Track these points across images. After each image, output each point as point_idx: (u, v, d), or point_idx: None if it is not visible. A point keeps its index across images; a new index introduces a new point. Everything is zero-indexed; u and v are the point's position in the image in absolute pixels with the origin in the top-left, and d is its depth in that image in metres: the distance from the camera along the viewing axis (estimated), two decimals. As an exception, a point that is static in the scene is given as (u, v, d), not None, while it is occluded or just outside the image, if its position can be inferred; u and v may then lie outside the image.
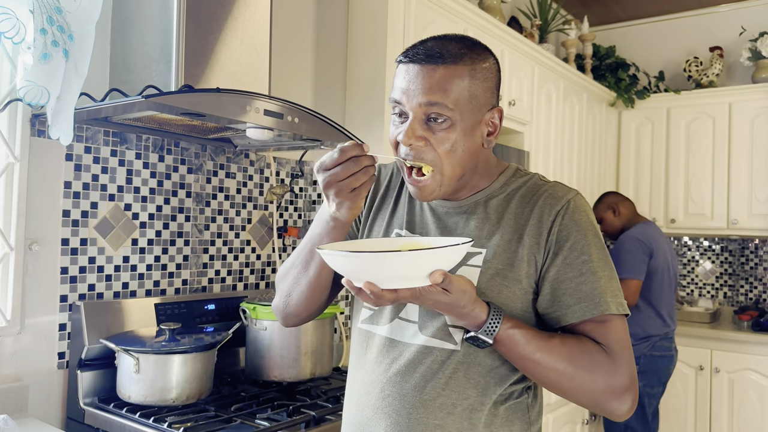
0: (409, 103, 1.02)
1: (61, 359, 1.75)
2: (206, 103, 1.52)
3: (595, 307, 1.02)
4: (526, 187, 1.12)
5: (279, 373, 1.90)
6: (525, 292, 1.06)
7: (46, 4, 1.45)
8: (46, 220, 1.72)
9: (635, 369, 1.05)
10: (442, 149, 1.03)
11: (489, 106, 1.07)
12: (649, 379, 3.12)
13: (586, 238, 1.05)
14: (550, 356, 1.00)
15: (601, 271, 1.04)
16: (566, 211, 1.06)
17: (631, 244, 3.12)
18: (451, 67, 1.01)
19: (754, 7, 4.16)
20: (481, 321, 0.98)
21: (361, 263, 0.91)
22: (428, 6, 2.46)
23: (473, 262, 1.07)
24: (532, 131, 3.26)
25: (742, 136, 3.91)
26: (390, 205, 1.22)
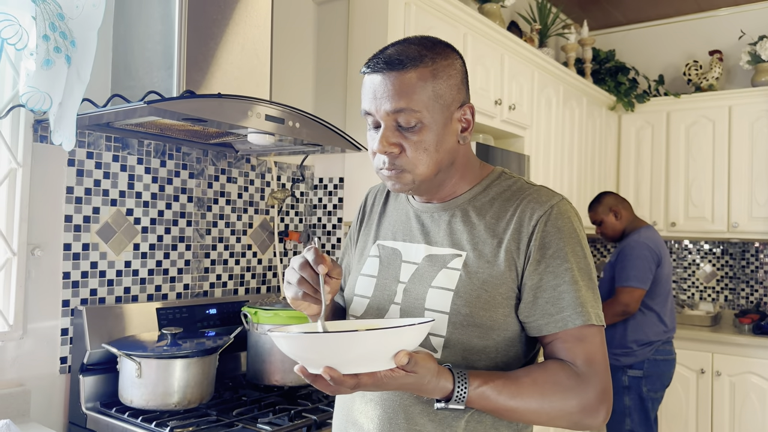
0: (378, 112, 1.04)
1: (63, 364, 1.76)
2: (208, 109, 1.52)
3: (577, 317, 1.02)
4: (510, 191, 1.11)
5: (280, 377, 1.90)
6: (506, 297, 1.05)
7: (49, 11, 1.46)
8: (48, 225, 1.73)
9: (608, 377, 1.04)
10: (415, 153, 1.04)
11: (458, 103, 1.08)
12: (653, 383, 3.11)
13: (569, 245, 1.04)
14: (524, 400, 0.99)
15: (582, 280, 1.04)
16: (549, 217, 1.05)
17: (641, 251, 3.08)
18: (412, 70, 1.02)
19: (753, 11, 4.18)
20: (449, 391, 0.95)
21: (319, 345, 0.85)
22: (428, 11, 2.47)
23: (453, 265, 1.07)
24: (532, 135, 3.27)
25: (742, 140, 3.91)
26: (375, 220, 1.25)
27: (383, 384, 0.89)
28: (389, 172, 1.06)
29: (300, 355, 0.89)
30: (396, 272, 1.14)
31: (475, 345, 1.04)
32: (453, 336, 1.04)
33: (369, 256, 1.20)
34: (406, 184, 1.07)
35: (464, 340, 1.04)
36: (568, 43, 3.92)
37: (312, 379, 0.90)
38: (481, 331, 1.04)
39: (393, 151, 1.04)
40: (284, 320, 1.88)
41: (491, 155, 2.82)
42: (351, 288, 1.21)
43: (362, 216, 1.31)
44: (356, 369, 0.87)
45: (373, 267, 1.18)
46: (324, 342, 0.85)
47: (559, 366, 1.02)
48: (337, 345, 0.85)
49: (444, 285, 1.07)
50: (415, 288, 1.10)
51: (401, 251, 1.16)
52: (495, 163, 2.84)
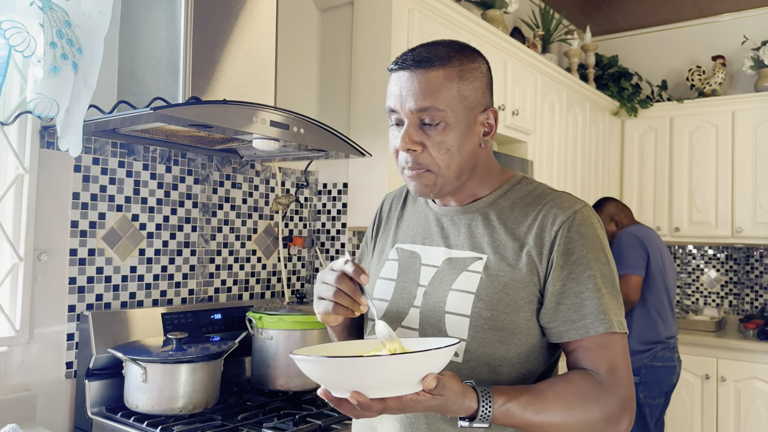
0: (402, 109, 1.04)
1: (69, 369, 1.77)
2: (213, 115, 1.53)
3: (599, 324, 1.01)
4: (531, 196, 1.11)
5: (285, 382, 1.90)
6: (528, 301, 1.04)
7: (56, 18, 1.48)
8: (54, 230, 1.74)
9: (631, 385, 1.03)
10: (439, 151, 1.04)
11: (482, 106, 1.08)
12: (650, 390, 3.07)
13: (592, 252, 1.04)
14: (548, 414, 0.98)
15: (604, 287, 1.03)
16: (572, 223, 1.04)
17: (627, 241, 3.09)
18: (440, 69, 1.03)
19: (756, 16, 4.18)
20: (473, 410, 0.94)
21: (346, 369, 0.84)
22: (431, 17, 2.48)
23: (473, 268, 1.07)
24: (535, 141, 3.27)
25: (746, 145, 3.91)
26: (393, 224, 1.25)
27: (409, 407, 0.89)
28: (412, 171, 1.06)
29: (325, 379, 0.88)
30: (416, 275, 1.13)
31: (497, 350, 1.04)
32: (474, 340, 1.04)
33: (388, 259, 1.20)
34: (428, 186, 1.07)
35: (486, 344, 1.04)
36: (571, 48, 3.93)
37: (336, 402, 0.89)
38: (503, 335, 1.03)
39: (415, 149, 1.04)
40: (289, 325, 1.89)
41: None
42: (369, 292, 1.19)
43: (378, 221, 1.30)
44: (383, 393, 0.86)
45: (392, 270, 1.17)
46: (351, 366, 0.84)
47: (581, 377, 1.01)
48: (364, 369, 0.83)
49: (465, 288, 1.06)
50: (435, 291, 1.09)
51: (420, 254, 1.15)
52: (498, 168, 2.84)
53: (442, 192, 1.09)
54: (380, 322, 0.99)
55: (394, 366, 0.84)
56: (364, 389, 0.85)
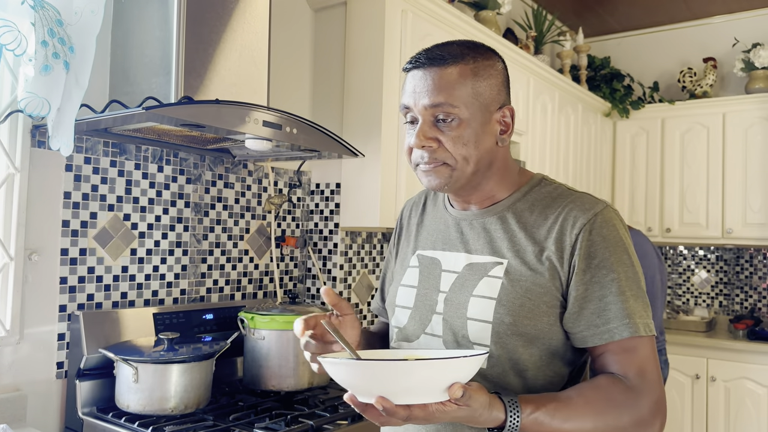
0: (416, 106, 1.05)
1: (60, 369, 1.76)
2: (205, 115, 1.53)
3: (624, 329, 0.99)
4: (551, 197, 1.09)
5: (277, 382, 1.90)
6: (550, 306, 1.03)
7: (48, 17, 1.47)
8: (45, 230, 1.73)
9: (661, 388, 1.02)
10: (454, 147, 1.03)
11: (498, 104, 1.07)
12: None
13: (615, 254, 1.02)
14: (578, 421, 0.96)
15: (629, 290, 1.01)
16: (593, 225, 1.02)
17: None
18: (453, 66, 1.03)
19: (746, 18, 4.21)
20: (501, 421, 0.91)
21: (373, 373, 0.84)
22: (425, 18, 2.49)
23: (494, 273, 1.06)
24: (528, 141, 3.28)
25: (736, 146, 3.94)
26: (414, 231, 1.24)
27: (434, 417, 0.87)
28: (427, 166, 1.05)
29: (351, 382, 0.87)
30: (436, 282, 1.12)
31: (521, 355, 1.03)
32: (497, 346, 1.03)
33: (409, 266, 1.19)
34: (444, 179, 1.05)
35: (509, 350, 1.03)
36: (564, 50, 3.94)
37: (362, 408, 0.88)
38: (526, 340, 1.02)
39: (431, 145, 1.04)
40: (281, 325, 1.89)
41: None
42: (392, 299, 1.20)
43: (400, 229, 1.30)
44: (408, 400, 0.85)
45: (413, 277, 1.16)
46: (378, 370, 0.84)
47: (610, 381, 1.00)
48: (390, 373, 0.83)
49: (486, 294, 1.05)
50: (456, 297, 1.08)
51: (441, 260, 1.14)
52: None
53: (455, 186, 1.07)
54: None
55: (419, 371, 0.84)
56: (390, 394, 0.84)
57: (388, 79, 2.33)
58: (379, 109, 2.31)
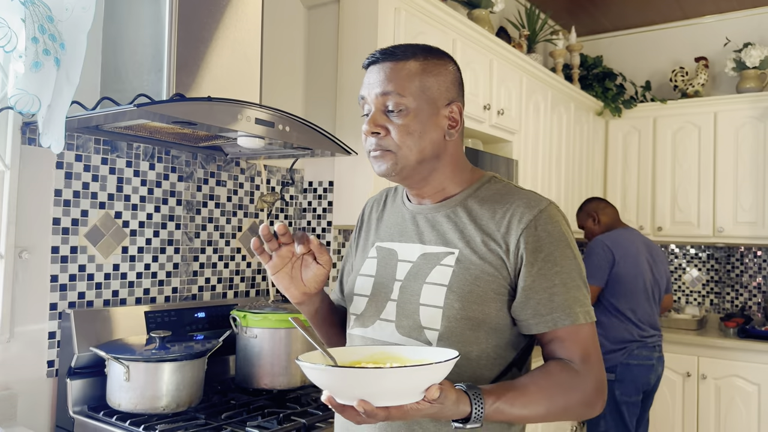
0: (369, 95, 1.14)
1: (51, 367, 1.75)
2: (197, 112, 1.53)
3: (566, 317, 1.08)
4: (500, 194, 1.17)
5: (269, 380, 1.90)
6: (498, 293, 1.10)
7: (38, 13, 1.46)
8: (36, 227, 1.72)
9: (602, 370, 1.11)
10: (399, 135, 1.11)
11: (446, 100, 1.15)
12: (626, 387, 3.06)
13: (559, 249, 1.10)
14: (534, 407, 1.05)
15: (571, 281, 1.10)
16: (538, 221, 1.10)
17: (594, 248, 3.15)
18: (403, 62, 1.12)
19: (738, 18, 4.23)
20: (467, 413, 0.99)
21: (355, 379, 0.89)
22: (418, 17, 2.48)
23: (446, 261, 1.13)
24: (520, 140, 3.29)
25: (728, 145, 3.96)
26: (373, 225, 1.31)
27: (409, 415, 0.93)
28: (375, 152, 1.13)
29: (333, 387, 0.92)
30: (392, 271, 1.19)
31: (468, 337, 1.10)
32: (447, 329, 1.09)
33: (368, 257, 1.26)
34: (389, 165, 1.12)
35: (458, 333, 1.09)
36: (556, 49, 3.95)
37: (340, 409, 0.93)
38: (474, 324, 1.09)
39: (378, 131, 1.11)
40: (273, 324, 1.88)
41: (480, 160, 2.84)
42: (351, 288, 1.26)
43: (360, 224, 1.37)
44: (387, 402, 0.90)
45: (371, 267, 1.23)
46: (362, 377, 0.89)
47: (559, 367, 1.09)
48: (373, 380, 0.88)
49: (438, 281, 1.12)
50: (410, 285, 1.15)
51: (397, 251, 1.21)
52: (484, 167, 2.85)
53: (403, 174, 1.14)
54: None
55: (401, 377, 0.89)
56: (370, 398, 0.89)
57: (381, 77, 2.32)
58: (372, 107, 2.30)
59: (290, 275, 1.17)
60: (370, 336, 1.17)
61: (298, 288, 1.18)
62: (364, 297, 1.21)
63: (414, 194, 1.22)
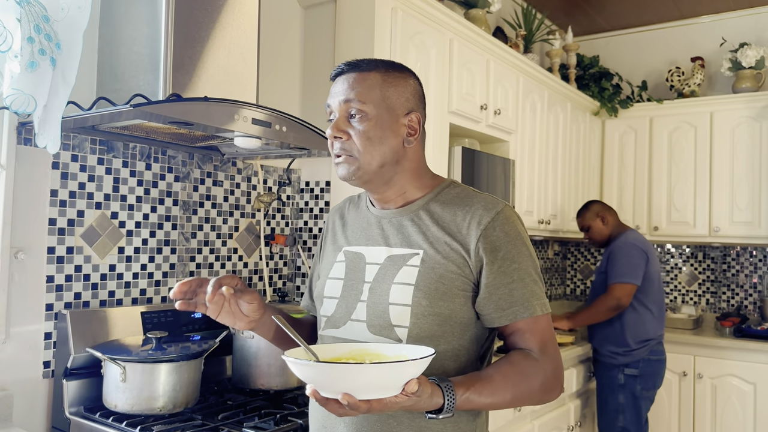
0: (333, 104, 1.21)
1: (47, 368, 1.74)
2: (194, 112, 1.52)
3: (524, 310, 1.17)
4: (459, 197, 1.24)
5: (266, 381, 1.90)
6: (462, 289, 1.17)
7: (34, 13, 1.45)
8: (31, 228, 1.72)
9: (559, 357, 1.20)
10: (359, 140, 1.18)
11: (406, 110, 1.22)
12: (647, 382, 3.23)
13: (516, 247, 1.18)
14: (500, 395, 1.13)
15: (528, 277, 1.18)
16: (496, 222, 1.18)
17: (629, 249, 3.25)
18: (365, 72, 1.20)
19: (734, 18, 4.24)
20: (440, 404, 1.05)
21: (341, 374, 0.94)
22: (414, 17, 2.48)
23: (412, 262, 1.19)
24: (517, 140, 3.29)
25: (724, 145, 3.97)
26: (339, 232, 1.36)
27: (388, 407, 1.00)
28: (338, 158, 1.20)
29: (318, 381, 0.98)
30: (361, 274, 1.25)
31: (435, 332, 1.16)
32: (416, 326, 1.16)
33: (336, 261, 1.31)
34: (351, 170, 1.19)
35: (426, 329, 1.16)
36: (553, 49, 3.95)
37: (324, 402, 0.99)
38: (441, 319, 1.16)
39: (341, 136, 1.19)
40: (270, 324, 1.88)
41: (477, 160, 2.84)
42: (321, 291, 1.31)
43: (325, 232, 1.42)
44: (368, 395, 0.97)
45: (340, 271, 1.29)
46: (348, 372, 0.94)
47: (521, 356, 1.17)
48: (357, 375, 0.94)
49: (405, 281, 1.18)
50: (379, 286, 1.21)
51: (365, 254, 1.27)
52: (481, 167, 2.86)
53: (363, 178, 1.20)
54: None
55: (384, 372, 0.95)
56: (354, 391, 0.95)
57: (377, 77, 2.32)
58: (368, 107, 2.30)
59: (231, 312, 1.19)
60: (341, 336, 1.22)
61: (243, 320, 1.21)
62: (334, 299, 1.26)
63: (377, 199, 1.28)
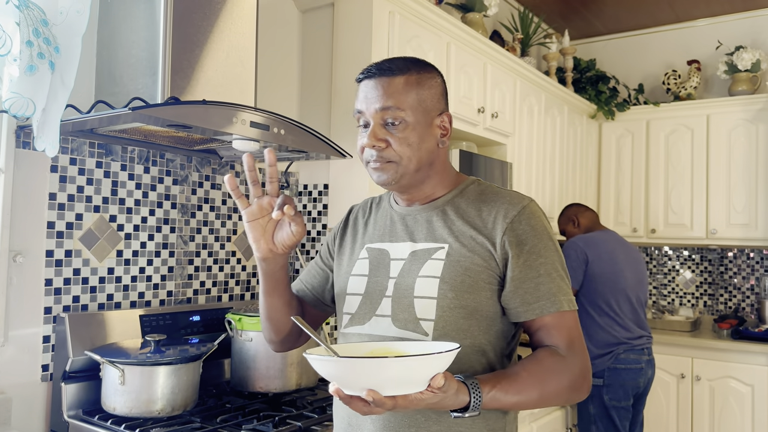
0: (368, 110, 1.18)
1: (45, 371, 1.74)
2: (192, 115, 1.53)
3: (551, 305, 1.15)
4: (484, 194, 1.24)
5: (264, 384, 1.90)
6: (488, 282, 1.16)
7: (33, 17, 1.46)
8: (30, 231, 1.72)
9: (586, 355, 1.18)
10: (400, 147, 1.16)
11: (438, 111, 1.22)
12: (615, 392, 2.99)
13: (542, 242, 1.17)
14: (527, 393, 1.10)
15: (555, 272, 1.17)
16: (521, 217, 1.17)
17: (567, 250, 3.07)
18: (400, 76, 1.18)
19: (729, 21, 4.26)
20: (466, 403, 1.03)
21: (366, 369, 0.91)
22: (412, 20, 2.49)
23: (437, 256, 1.18)
24: (514, 143, 3.30)
25: (720, 148, 3.98)
26: (361, 229, 1.35)
27: (414, 404, 0.97)
28: (377, 164, 1.18)
29: (341, 377, 0.94)
30: (386, 270, 1.23)
31: (461, 325, 1.15)
32: (441, 318, 1.15)
33: (358, 258, 1.29)
34: (391, 175, 1.18)
35: (452, 322, 1.15)
36: (550, 52, 3.96)
37: (347, 400, 0.96)
38: (467, 312, 1.15)
39: (380, 145, 1.16)
40: (268, 326, 1.88)
41: (474, 163, 2.84)
42: (343, 288, 1.30)
43: (344, 224, 1.40)
44: (393, 391, 0.94)
45: (363, 267, 1.27)
46: (371, 366, 0.91)
47: (548, 353, 1.15)
48: (381, 369, 0.91)
49: (430, 273, 1.17)
50: (404, 280, 1.20)
51: (389, 251, 1.25)
52: (478, 170, 2.86)
53: (402, 182, 1.20)
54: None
55: (408, 366, 0.92)
56: (378, 387, 0.92)
57: (375, 81, 2.32)
58: (366, 111, 2.31)
59: (263, 228, 1.18)
60: (366, 332, 1.21)
61: (267, 243, 1.18)
62: (358, 296, 1.25)
63: (404, 198, 1.27)
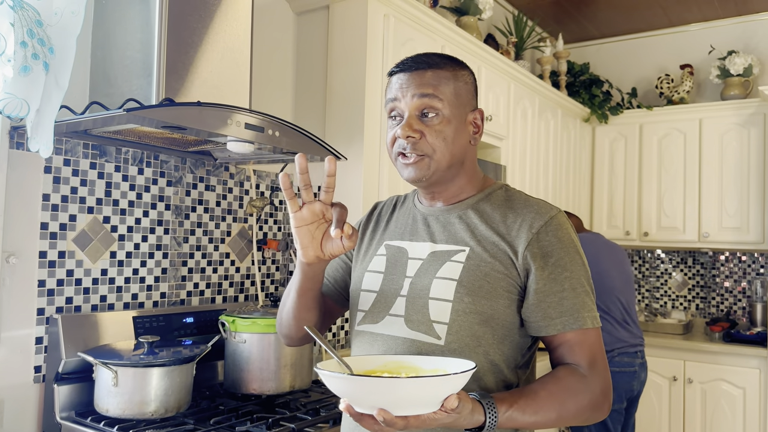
0: (404, 99, 1.15)
1: (38, 373, 1.74)
2: (187, 117, 1.53)
3: (574, 321, 1.11)
4: (511, 200, 1.20)
5: (258, 386, 1.90)
6: (507, 291, 1.12)
7: (27, 17, 1.46)
8: (23, 232, 1.71)
9: (608, 374, 1.13)
10: (435, 140, 1.13)
11: (472, 106, 1.20)
12: None
13: (569, 255, 1.13)
14: (545, 413, 1.06)
15: (580, 287, 1.12)
16: (548, 227, 1.13)
17: None
18: (437, 69, 1.15)
19: (722, 26, 4.29)
20: (481, 422, 1.00)
21: (375, 388, 0.90)
22: (407, 23, 2.50)
23: (456, 258, 1.15)
24: (508, 146, 3.31)
25: (712, 152, 4.01)
26: (383, 226, 1.32)
27: (426, 424, 0.94)
28: (409, 158, 1.14)
29: (352, 395, 0.92)
30: (403, 268, 1.20)
31: (476, 331, 1.11)
32: (455, 323, 1.11)
33: (376, 254, 1.27)
34: (423, 170, 1.14)
35: (466, 327, 1.11)
36: (544, 56, 3.98)
37: (358, 417, 0.94)
38: (482, 318, 1.11)
39: (415, 136, 1.13)
40: (262, 329, 1.88)
41: (468, 165, 2.85)
42: (357, 284, 1.27)
43: (368, 218, 1.37)
44: (406, 411, 0.91)
45: (380, 264, 1.24)
46: (383, 385, 0.89)
47: (568, 372, 1.11)
48: (394, 389, 0.89)
49: (448, 276, 1.14)
50: (420, 280, 1.16)
51: (407, 249, 1.22)
52: (472, 173, 2.87)
53: (433, 179, 1.16)
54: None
55: (422, 387, 0.90)
56: (390, 407, 0.90)
57: (370, 83, 2.33)
58: (361, 113, 2.32)
59: (312, 234, 1.09)
60: (379, 332, 1.18)
61: (315, 251, 1.10)
62: (372, 293, 1.22)
63: (430, 197, 1.24)
